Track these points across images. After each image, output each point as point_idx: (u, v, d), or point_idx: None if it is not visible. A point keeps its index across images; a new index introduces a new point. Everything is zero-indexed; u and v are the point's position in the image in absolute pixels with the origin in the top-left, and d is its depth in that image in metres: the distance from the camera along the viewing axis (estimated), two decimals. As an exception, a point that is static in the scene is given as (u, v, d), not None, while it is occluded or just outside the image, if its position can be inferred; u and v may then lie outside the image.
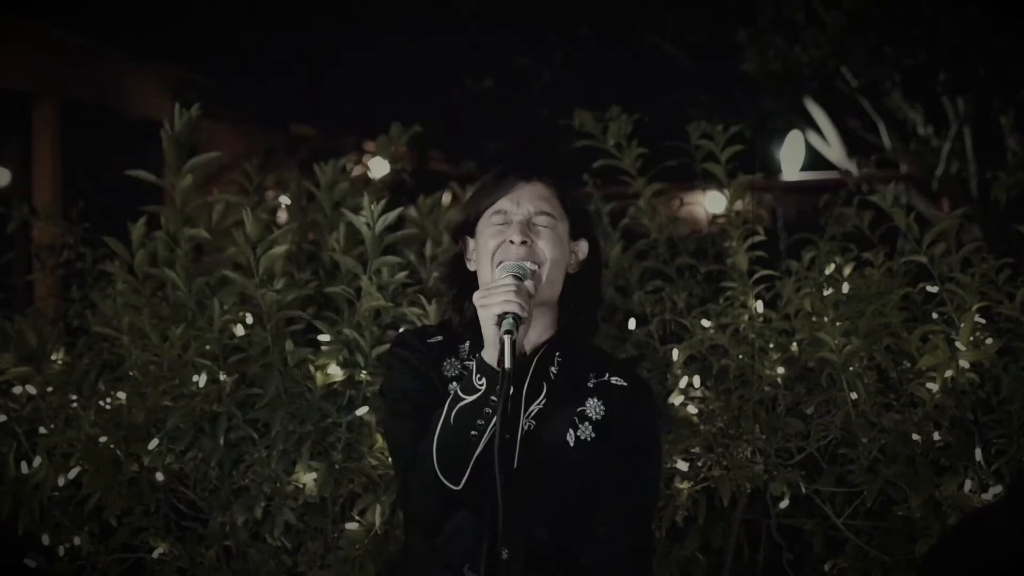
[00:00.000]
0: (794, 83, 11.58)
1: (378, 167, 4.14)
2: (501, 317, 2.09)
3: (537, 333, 2.29)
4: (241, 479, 3.04)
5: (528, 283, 2.17)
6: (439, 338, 2.33)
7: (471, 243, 2.33)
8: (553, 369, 2.27)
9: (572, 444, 2.22)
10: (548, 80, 13.23)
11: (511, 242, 2.22)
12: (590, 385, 2.28)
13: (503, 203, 2.27)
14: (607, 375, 2.30)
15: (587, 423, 2.24)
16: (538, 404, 2.24)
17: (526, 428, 2.22)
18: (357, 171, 4.20)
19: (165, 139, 3.14)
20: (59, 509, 3.15)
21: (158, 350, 3.10)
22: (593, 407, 2.26)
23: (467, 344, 2.30)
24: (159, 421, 3.04)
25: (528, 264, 2.21)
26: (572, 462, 2.22)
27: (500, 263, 2.22)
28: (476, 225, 2.31)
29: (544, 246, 2.25)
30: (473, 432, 2.12)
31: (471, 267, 2.33)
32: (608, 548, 2.23)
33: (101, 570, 3.16)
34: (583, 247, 2.34)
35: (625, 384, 2.30)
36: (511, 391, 2.09)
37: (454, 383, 2.24)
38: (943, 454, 3.00)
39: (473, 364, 2.15)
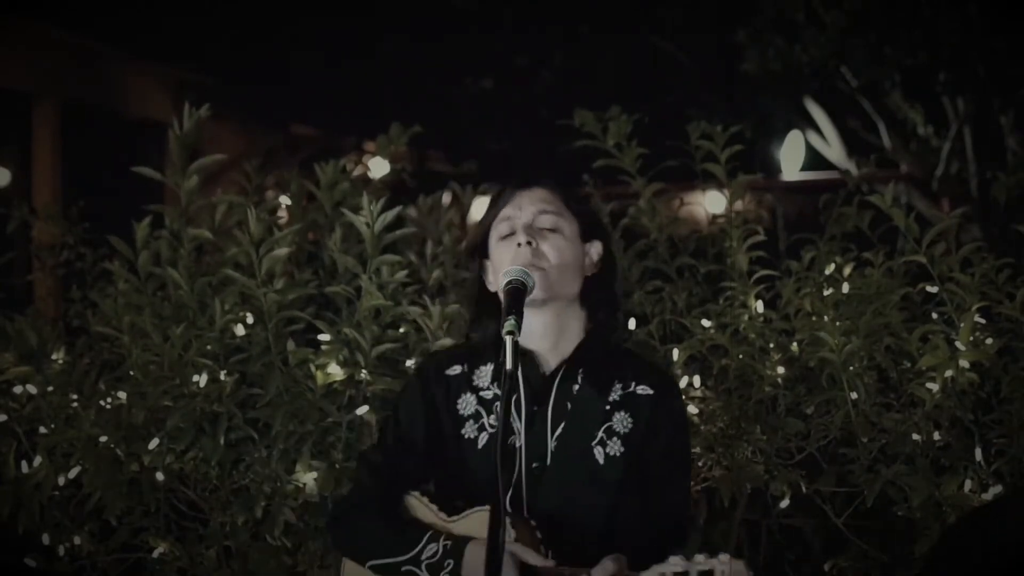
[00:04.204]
0: (794, 83, 11.57)
1: (378, 167, 4.13)
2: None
3: (565, 344, 2.29)
4: (241, 479, 3.04)
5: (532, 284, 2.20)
6: (458, 369, 2.33)
7: (488, 265, 2.34)
8: (576, 387, 2.26)
9: (602, 462, 2.22)
10: (548, 80, 13.22)
11: (518, 244, 2.25)
12: (616, 398, 2.26)
13: (506, 211, 2.31)
14: (633, 385, 2.28)
15: (615, 438, 2.23)
16: (563, 426, 2.23)
17: (554, 450, 2.22)
18: (357, 171, 4.20)
19: (172, 139, 3.15)
20: (59, 509, 3.15)
21: (159, 350, 3.10)
22: (620, 420, 2.25)
23: (487, 371, 2.30)
24: (159, 421, 3.04)
25: (531, 270, 2.21)
26: (603, 479, 2.21)
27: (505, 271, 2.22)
28: (489, 243, 2.33)
29: (550, 245, 2.26)
30: None
31: (491, 288, 2.33)
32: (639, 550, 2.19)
33: (101, 570, 3.16)
34: (596, 248, 2.35)
35: (652, 392, 2.28)
36: (511, 410, 2.15)
37: (469, 422, 2.26)
38: (943, 454, 3.00)
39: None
